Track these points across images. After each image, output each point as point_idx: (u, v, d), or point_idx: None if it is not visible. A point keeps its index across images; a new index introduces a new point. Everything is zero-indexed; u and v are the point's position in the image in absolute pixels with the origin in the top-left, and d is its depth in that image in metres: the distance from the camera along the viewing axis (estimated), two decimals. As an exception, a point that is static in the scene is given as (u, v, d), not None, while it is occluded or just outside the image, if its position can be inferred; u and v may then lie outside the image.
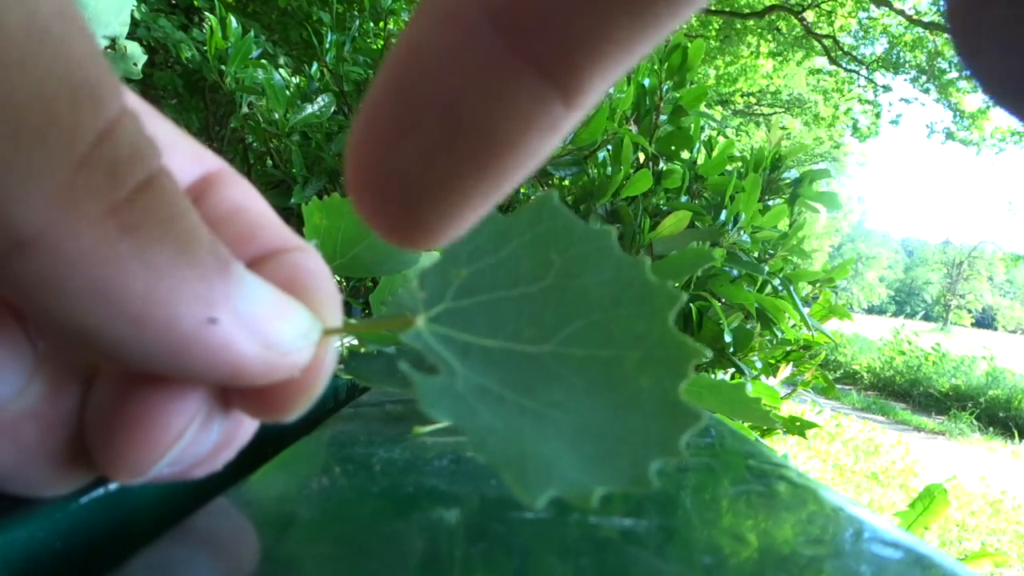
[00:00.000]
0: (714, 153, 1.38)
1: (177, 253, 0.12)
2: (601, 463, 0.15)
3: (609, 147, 1.26)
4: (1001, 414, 7.61)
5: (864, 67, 11.13)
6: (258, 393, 0.15)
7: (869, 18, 10.31)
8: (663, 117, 1.30)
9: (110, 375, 0.15)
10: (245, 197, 0.18)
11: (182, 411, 0.14)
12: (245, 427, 0.17)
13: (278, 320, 0.14)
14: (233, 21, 1.31)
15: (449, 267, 0.16)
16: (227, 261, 0.13)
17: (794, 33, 9.69)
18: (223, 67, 1.30)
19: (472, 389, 0.15)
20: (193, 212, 0.13)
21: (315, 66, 1.46)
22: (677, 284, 1.21)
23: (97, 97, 0.11)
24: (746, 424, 0.92)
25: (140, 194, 0.12)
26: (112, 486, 0.17)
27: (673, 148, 1.33)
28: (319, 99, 1.33)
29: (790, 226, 1.36)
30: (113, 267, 0.11)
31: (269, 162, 1.49)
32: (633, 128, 1.28)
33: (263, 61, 1.41)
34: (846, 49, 10.69)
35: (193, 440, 0.15)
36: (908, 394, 8.71)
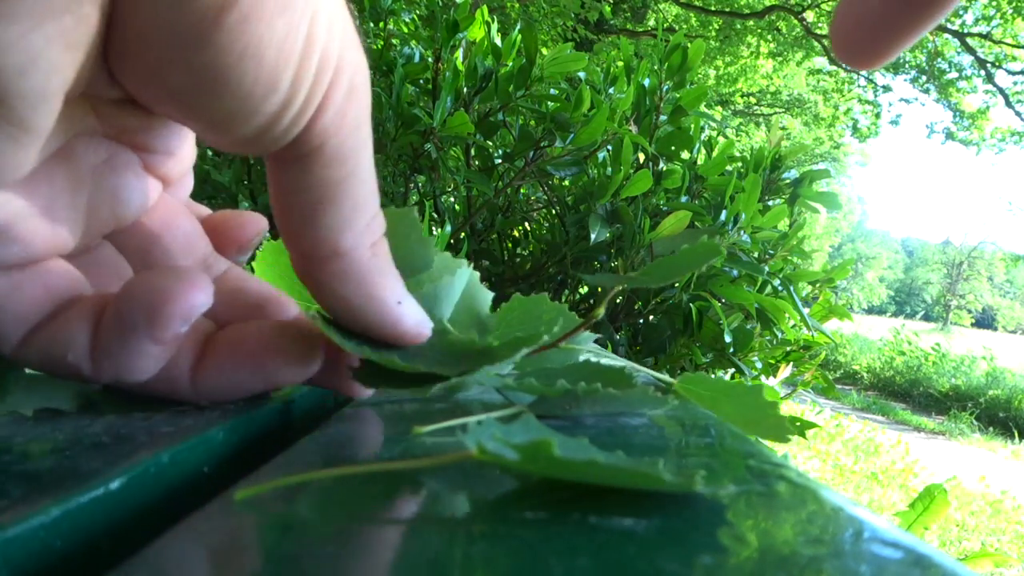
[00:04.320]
0: (714, 153, 1.38)
1: (387, 267, 0.23)
2: None
3: (609, 147, 1.26)
4: (1001, 414, 7.60)
5: (864, 67, 11.09)
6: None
7: (869, 18, 10.26)
8: (663, 117, 1.30)
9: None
10: (238, 275, 0.28)
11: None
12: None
13: (416, 307, 0.25)
14: (233, 21, 1.31)
15: None
16: (397, 271, 0.24)
17: (794, 33, 9.68)
18: (223, 67, 1.30)
19: None
20: None
21: (315, 66, 1.46)
22: (682, 281, 1.20)
23: (374, 188, 0.23)
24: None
25: (380, 236, 0.23)
26: (112, 485, 0.17)
27: (673, 148, 1.33)
28: (319, 99, 1.33)
29: (790, 226, 1.35)
30: (369, 273, 0.23)
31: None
32: (633, 128, 1.28)
33: (263, 61, 1.41)
34: (846, 49, 10.64)
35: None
36: (908, 394, 8.70)
